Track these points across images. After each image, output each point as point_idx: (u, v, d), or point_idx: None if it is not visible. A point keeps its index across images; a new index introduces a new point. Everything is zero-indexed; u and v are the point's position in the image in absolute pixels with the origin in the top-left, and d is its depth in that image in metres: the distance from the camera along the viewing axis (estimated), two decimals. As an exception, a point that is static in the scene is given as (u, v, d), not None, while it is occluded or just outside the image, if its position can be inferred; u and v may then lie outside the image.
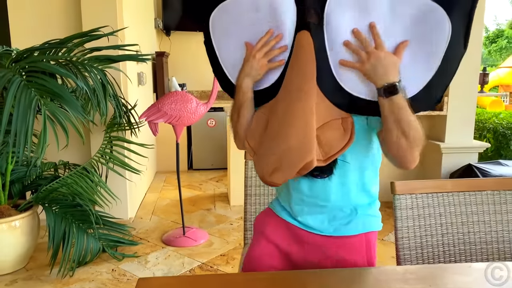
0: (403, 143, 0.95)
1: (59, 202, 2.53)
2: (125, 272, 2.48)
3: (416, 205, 1.44)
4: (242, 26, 1.06)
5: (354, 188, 1.12)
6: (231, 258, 2.67)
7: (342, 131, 1.00)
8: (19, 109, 1.73)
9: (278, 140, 0.98)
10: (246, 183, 1.91)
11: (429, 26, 0.92)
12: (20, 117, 1.73)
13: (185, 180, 4.63)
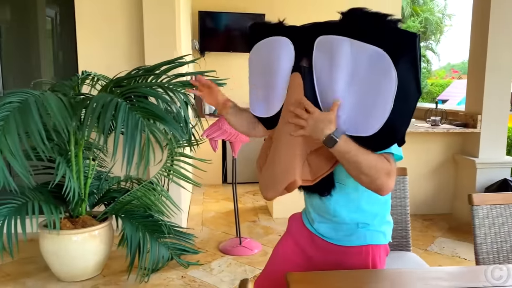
0: (364, 179, 1.09)
1: (132, 213, 2.75)
2: (194, 279, 2.68)
3: (492, 215, 1.64)
4: (263, 66, 1.27)
5: (352, 206, 1.27)
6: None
7: (329, 157, 1.16)
8: (127, 130, 1.97)
9: (270, 163, 1.22)
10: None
11: (378, 74, 1.03)
12: (129, 137, 1.96)
13: (222, 193, 4.84)
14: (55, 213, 2.40)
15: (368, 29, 1.03)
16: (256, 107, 1.33)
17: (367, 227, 1.29)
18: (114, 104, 2.00)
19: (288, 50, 1.20)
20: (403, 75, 1.01)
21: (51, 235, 2.51)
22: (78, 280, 2.64)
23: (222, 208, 4.27)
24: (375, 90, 1.05)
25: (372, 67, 1.04)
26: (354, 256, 1.29)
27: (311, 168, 1.19)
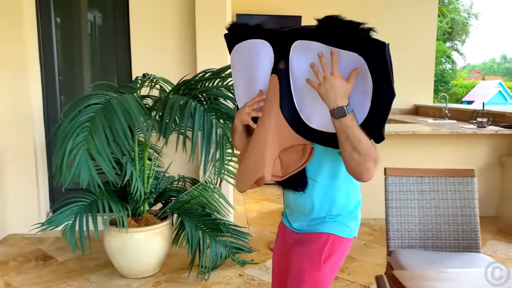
0: (356, 157, 1.10)
1: (191, 212, 2.81)
2: (252, 277, 2.73)
3: None
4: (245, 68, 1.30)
5: (325, 201, 1.33)
6: (343, 267, 2.88)
7: (300, 155, 1.24)
8: (204, 131, 2.03)
9: (246, 158, 1.29)
10: (387, 197, 2.14)
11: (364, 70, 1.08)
12: (206, 138, 2.02)
13: (261, 194, 4.88)
14: (123, 212, 2.49)
15: (342, 36, 1.08)
16: (240, 104, 1.36)
17: (335, 219, 1.35)
18: (190, 105, 2.07)
19: (268, 52, 1.24)
20: (377, 79, 1.07)
21: (116, 233, 2.59)
22: (141, 277, 2.71)
23: (264, 209, 4.31)
24: (353, 92, 1.10)
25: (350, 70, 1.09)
26: (315, 240, 1.34)
27: (282, 164, 1.27)
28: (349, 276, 2.75)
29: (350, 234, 1.37)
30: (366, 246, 3.28)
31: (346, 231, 1.35)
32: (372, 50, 1.05)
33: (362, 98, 1.11)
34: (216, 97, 2.22)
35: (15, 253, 3.11)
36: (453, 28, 16.44)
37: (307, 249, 1.34)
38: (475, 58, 48.05)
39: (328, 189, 1.32)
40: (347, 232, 1.36)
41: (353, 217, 1.38)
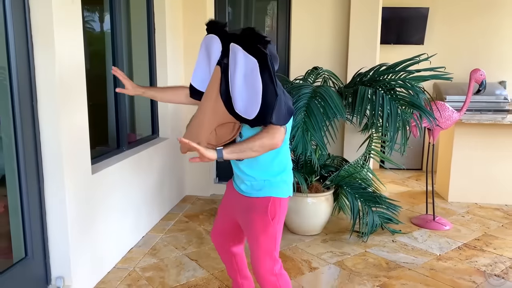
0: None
1: (350, 185, 3.31)
2: (405, 244, 3.17)
3: None
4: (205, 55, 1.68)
5: (261, 168, 1.72)
6: (487, 243, 3.19)
7: (231, 130, 1.63)
8: (391, 117, 2.51)
9: (188, 129, 1.66)
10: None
11: (255, 78, 1.48)
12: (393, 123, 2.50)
13: (386, 177, 5.23)
14: (302, 180, 3.06)
15: (249, 45, 1.49)
16: (194, 80, 1.76)
17: (270, 183, 1.73)
18: (378, 95, 2.55)
19: (218, 47, 1.62)
20: (265, 81, 1.48)
21: (293, 197, 3.17)
22: (308, 235, 3.30)
23: (393, 190, 4.68)
24: (254, 89, 1.50)
25: (253, 72, 1.49)
26: (258, 204, 1.73)
27: (217, 136, 1.64)
28: (495, 250, 3.06)
29: (285, 194, 1.78)
30: (505, 227, 3.53)
31: (281, 192, 1.76)
32: (262, 58, 1.47)
33: (256, 95, 1.51)
34: (393, 88, 2.67)
35: (199, 209, 3.89)
36: None
37: (257, 212, 1.74)
38: None
39: (259, 159, 1.69)
40: (282, 193, 1.77)
41: (283, 181, 1.77)
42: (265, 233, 1.73)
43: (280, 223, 1.78)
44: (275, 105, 1.50)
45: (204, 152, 1.51)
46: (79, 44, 2.24)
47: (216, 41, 1.63)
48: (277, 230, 1.77)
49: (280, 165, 1.76)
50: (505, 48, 5.67)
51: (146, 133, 3.68)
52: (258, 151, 1.58)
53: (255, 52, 1.48)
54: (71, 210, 2.19)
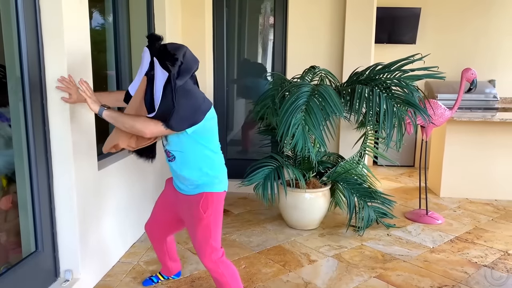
0: (128, 129, 1.82)
1: (346, 181, 3.41)
2: (400, 237, 3.28)
3: None
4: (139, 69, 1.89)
5: (192, 168, 1.92)
6: (478, 236, 3.32)
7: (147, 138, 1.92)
8: (387, 115, 2.61)
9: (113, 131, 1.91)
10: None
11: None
12: (389, 120, 2.60)
13: (379, 174, 5.35)
14: (300, 176, 3.16)
15: (161, 61, 1.76)
16: (131, 87, 1.95)
17: (203, 180, 1.93)
18: (375, 93, 2.65)
19: (148, 59, 1.81)
20: (166, 93, 1.75)
21: (292, 192, 3.28)
22: (306, 229, 3.40)
23: (387, 186, 4.79)
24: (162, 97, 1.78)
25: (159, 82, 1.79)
26: (193, 200, 1.95)
27: (137, 140, 1.92)
28: (486, 243, 3.18)
29: (218, 189, 1.97)
30: (495, 221, 3.66)
31: (214, 187, 1.95)
32: (168, 72, 1.74)
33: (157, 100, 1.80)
34: (389, 86, 2.77)
35: (198, 206, 3.97)
36: None
37: (193, 207, 1.95)
38: None
39: (194, 158, 1.90)
40: (214, 188, 1.96)
41: (215, 177, 1.96)
42: (199, 224, 1.95)
43: (215, 215, 1.98)
44: (172, 113, 1.77)
45: (90, 103, 1.84)
46: (86, 44, 2.30)
47: (146, 54, 1.83)
48: (211, 222, 1.96)
49: (207, 163, 1.95)
50: (494, 48, 5.82)
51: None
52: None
53: (165, 68, 1.74)
54: (79, 205, 2.26)
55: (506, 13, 5.74)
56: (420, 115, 2.82)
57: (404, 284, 2.54)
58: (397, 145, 2.77)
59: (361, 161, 3.62)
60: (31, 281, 2.07)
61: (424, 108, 2.80)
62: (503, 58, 5.85)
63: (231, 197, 4.19)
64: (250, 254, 2.93)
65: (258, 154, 4.03)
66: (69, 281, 2.25)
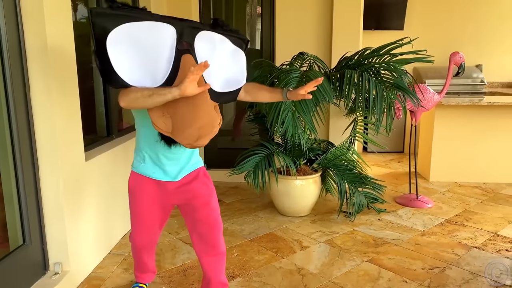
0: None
1: (337, 167, 3.41)
2: (390, 221, 3.30)
3: None
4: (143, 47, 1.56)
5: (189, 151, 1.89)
6: (467, 218, 3.36)
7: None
8: (377, 99, 2.59)
9: (195, 119, 1.58)
10: None
11: (237, 61, 1.83)
12: (379, 105, 2.59)
13: (369, 160, 5.35)
14: (291, 163, 3.14)
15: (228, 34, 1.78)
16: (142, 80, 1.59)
17: (197, 157, 1.96)
18: (364, 78, 2.63)
19: (172, 35, 1.59)
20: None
21: (284, 179, 3.26)
22: (297, 216, 3.40)
23: (377, 172, 4.81)
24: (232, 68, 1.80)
25: (233, 56, 1.81)
26: (198, 173, 1.94)
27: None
28: (475, 225, 3.22)
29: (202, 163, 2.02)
30: (484, 204, 3.70)
31: (201, 162, 2.01)
32: (243, 44, 1.84)
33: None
34: (378, 71, 2.75)
35: (189, 196, 3.94)
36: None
37: (201, 180, 1.93)
38: None
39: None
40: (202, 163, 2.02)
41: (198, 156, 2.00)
42: (213, 193, 1.97)
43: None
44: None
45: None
46: (69, 30, 2.23)
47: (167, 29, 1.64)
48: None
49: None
50: (481, 33, 5.85)
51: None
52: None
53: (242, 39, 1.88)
54: (67, 196, 2.21)
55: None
56: (409, 99, 2.82)
57: (396, 267, 2.55)
58: (387, 129, 2.77)
59: (351, 147, 3.61)
60: (19, 274, 2.03)
61: (413, 92, 2.80)
62: (490, 43, 5.88)
63: (222, 187, 4.17)
64: (243, 242, 2.92)
65: (248, 143, 3.99)
66: (59, 274, 2.22)
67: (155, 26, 1.58)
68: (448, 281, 2.39)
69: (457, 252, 2.76)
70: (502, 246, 2.84)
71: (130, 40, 1.55)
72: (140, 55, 1.57)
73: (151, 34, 1.58)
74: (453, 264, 2.59)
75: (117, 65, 1.54)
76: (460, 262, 2.61)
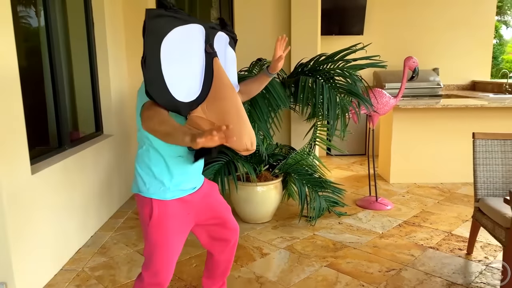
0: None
1: (298, 172, 3.42)
2: (351, 225, 3.33)
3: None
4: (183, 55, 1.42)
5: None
6: (424, 219, 3.44)
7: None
8: (330, 105, 2.61)
9: (244, 124, 1.52)
10: (475, 156, 2.65)
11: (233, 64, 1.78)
12: (332, 110, 2.61)
13: (332, 163, 5.45)
14: (251, 170, 3.12)
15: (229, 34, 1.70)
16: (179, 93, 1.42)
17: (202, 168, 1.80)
18: (318, 84, 2.65)
19: (202, 37, 1.48)
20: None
21: (244, 186, 3.24)
22: (259, 222, 3.38)
23: (339, 175, 4.87)
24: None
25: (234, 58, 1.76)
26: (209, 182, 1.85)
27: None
28: (431, 225, 3.30)
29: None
30: (440, 204, 3.81)
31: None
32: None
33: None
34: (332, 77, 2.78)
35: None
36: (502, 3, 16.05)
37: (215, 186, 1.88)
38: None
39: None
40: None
41: None
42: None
43: None
44: None
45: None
46: (10, 39, 2.13)
47: (199, 31, 1.51)
48: None
49: None
50: (438, 37, 6.05)
51: (90, 130, 3.57)
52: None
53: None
54: (10, 213, 2.10)
55: (448, 4, 5.97)
56: (363, 105, 2.87)
57: (353, 271, 2.57)
58: (342, 134, 2.80)
59: (311, 152, 3.64)
60: (-43, 298, 1.91)
61: (368, 98, 2.85)
62: (446, 47, 6.10)
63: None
64: (201, 252, 2.87)
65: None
66: (3, 295, 2.10)
67: (194, 29, 1.47)
68: (403, 283, 2.43)
69: (413, 253, 2.81)
70: (455, 245, 2.92)
71: (181, 46, 1.41)
72: (186, 63, 1.44)
73: (194, 39, 1.46)
74: (409, 265, 2.64)
75: (168, 75, 1.38)
76: (416, 263, 2.67)
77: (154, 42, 1.34)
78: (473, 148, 2.68)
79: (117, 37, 3.78)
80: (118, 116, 3.79)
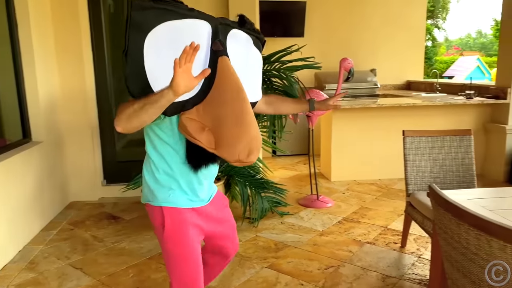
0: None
1: (239, 174, 3.40)
2: (292, 224, 3.36)
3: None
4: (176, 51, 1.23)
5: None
6: (362, 215, 3.55)
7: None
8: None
9: (242, 133, 1.33)
10: (405, 152, 2.77)
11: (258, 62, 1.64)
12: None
13: (276, 164, 5.50)
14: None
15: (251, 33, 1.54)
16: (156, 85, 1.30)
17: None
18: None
19: (208, 34, 1.36)
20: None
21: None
22: (201, 227, 3.31)
23: (283, 175, 4.93)
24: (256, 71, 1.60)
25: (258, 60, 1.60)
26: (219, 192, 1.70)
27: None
28: (369, 221, 3.41)
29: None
30: (378, 200, 3.96)
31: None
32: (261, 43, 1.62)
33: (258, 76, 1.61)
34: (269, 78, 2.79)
35: (86, 215, 3.66)
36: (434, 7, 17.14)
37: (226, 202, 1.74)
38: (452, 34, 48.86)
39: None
40: None
41: None
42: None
43: None
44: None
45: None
46: None
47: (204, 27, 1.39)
48: None
49: None
50: (375, 39, 6.31)
51: (16, 137, 3.33)
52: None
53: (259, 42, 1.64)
54: None
55: (384, 7, 6.24)
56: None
57: (293, 271, 2.59)
58: (279, 135, 2.82)
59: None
60: None
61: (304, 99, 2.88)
62: (382, 49, 6.37)
63: (123, 203, 3.94)
64: (140, 261, 2.77)
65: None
66: None
67: (194, 24, 1.34)
68: (341, 279, 2.48)
69: (351, 249, 2.89)
70: (391, 239, 3.04)
71: (171, 43, 1.28)
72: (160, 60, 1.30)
73: (192, 35, 1.32)
74: (347, 261, 2.70)
75: (151, 72, 1.26)
76: (353, 258, 2.74)
77: (137, 36, 1.25)
78: (404, 145, 2.79)
79: (44, 37, 3.56)
80: (49, 122, 3.57)
